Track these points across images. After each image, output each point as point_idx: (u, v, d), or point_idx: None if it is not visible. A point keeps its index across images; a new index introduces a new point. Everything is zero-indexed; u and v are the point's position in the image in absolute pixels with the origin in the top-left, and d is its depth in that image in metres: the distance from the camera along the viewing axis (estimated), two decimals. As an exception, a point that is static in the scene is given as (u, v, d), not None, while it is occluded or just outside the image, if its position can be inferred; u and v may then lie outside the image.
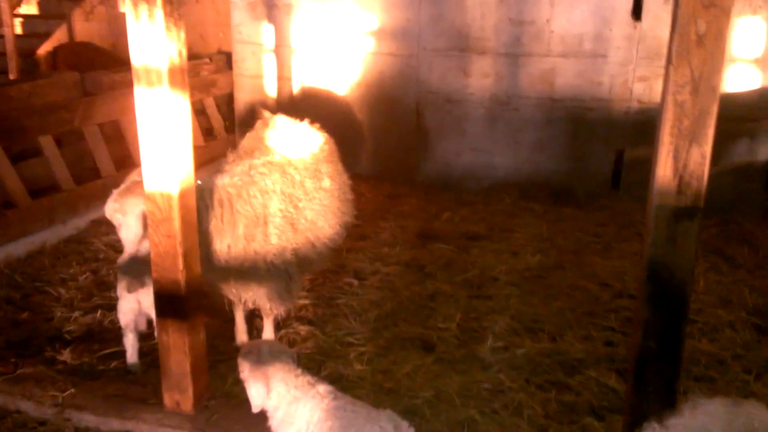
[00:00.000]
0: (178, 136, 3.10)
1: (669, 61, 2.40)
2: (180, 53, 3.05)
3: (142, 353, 3.84)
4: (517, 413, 3.45)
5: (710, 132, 2.38)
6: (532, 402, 3.52)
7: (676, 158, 2.41)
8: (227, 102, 7.99)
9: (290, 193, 3.83)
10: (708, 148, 2.39)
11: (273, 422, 2.71)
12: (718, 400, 1.71)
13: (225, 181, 3.70)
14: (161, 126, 3.05)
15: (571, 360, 3.90)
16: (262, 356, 2.72)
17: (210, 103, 7.75)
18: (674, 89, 2.36)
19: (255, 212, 3.65)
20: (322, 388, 2.70)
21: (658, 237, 2.52)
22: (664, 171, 2.44)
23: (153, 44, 2.94)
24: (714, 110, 2.36)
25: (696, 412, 1.67)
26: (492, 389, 3.66)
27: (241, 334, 4.17)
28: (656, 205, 2.48)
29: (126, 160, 6.43)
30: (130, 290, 3.61)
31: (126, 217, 3.44)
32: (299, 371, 2.73)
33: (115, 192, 3.54)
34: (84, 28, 9.16)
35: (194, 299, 3.32)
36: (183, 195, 3.17)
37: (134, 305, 3.68)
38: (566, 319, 4.38)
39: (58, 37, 9.37)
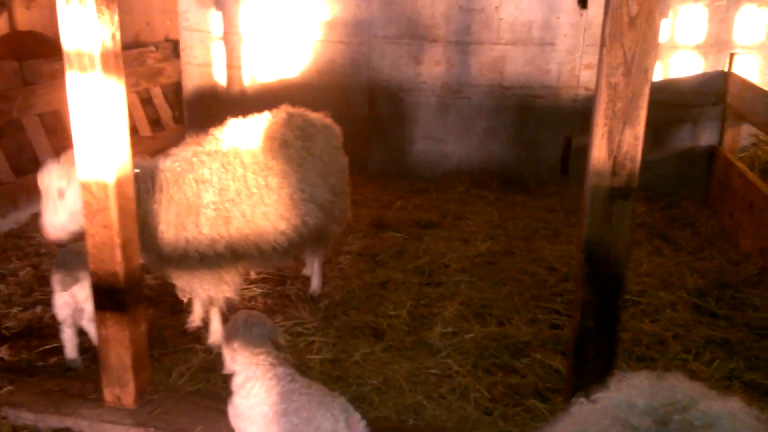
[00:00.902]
0: (113, 123, 3.01)
1: (602, 43, 2.43)
2: (113, 37, 2.95)
3: (82, 349, 3.74)
4: (464, 397, 3.48)
5: (643, 113, 2.42)
6: (478, 385, 3.56)
7: (610, 139, 2.45)
8: (175, 91, 7.81)
9: (227, 185, 3.71)
10: (641, 129, 2.43)
11: (234, 388, 2.81)
12: (643, 373, 1.74)
13: (166, 165, 3.62)
14: (95, 112, 2.95)
15: (518, 343, 3.95)
16: (236, 325, 2.85)
17: (157, 93, 7.57)
18: (607, 71, 2.40)
19: (188, 200, 3.57)
20: (282, 369, 2.75)
21: (594, 218, 2.56)
22: (598, 152, 2.47)
23: (84, 28, 2.84)
24: (646, 91, 2.40)
25: (621, 386, 1.69)
26: (440, 374, 3.68)
27: (195, 320, 4.14)
28: (592, 186, 2.52)
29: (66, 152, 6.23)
30: (63, 287, 3.50)
31: (70, 186, 3.32)
32: (263, 350, 2.79)
33: (62, 156, 3.43)
34: (25, 16, 8.80)
35: (134, 291, 3.24)
36: (120, 184, 3.08)
37: (69, 300, 3.57)
38: (514, 303, 4.43)
39: (-2, 24, 8.99)
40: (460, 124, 7.05)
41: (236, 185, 3.69)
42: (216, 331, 3.94)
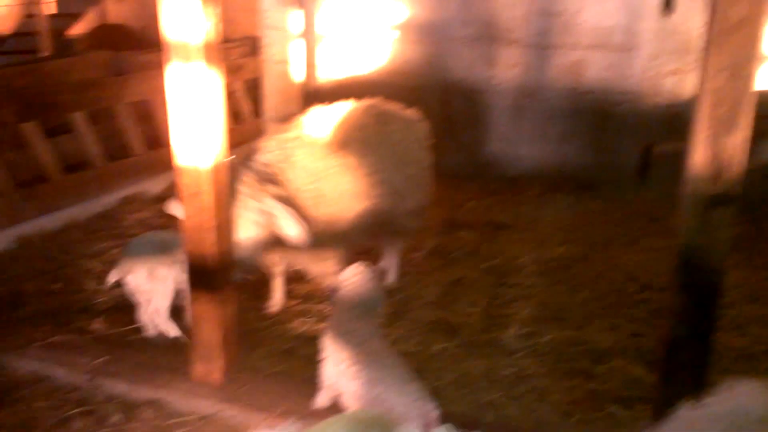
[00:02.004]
0: (212, 111, 3.14)
1: (706, 47, 2.39)
2: (216, 28, 3.07)
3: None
4: (542, 399, 3.46)
5: (747, 119, 2.37)
6: (556, 388, 3.53)
7: (712, 145, 2.41)
8: (255, 86, 8.04)
9: (314, 168, 3.85)
10: (744, 135, 2.38)
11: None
12: (752, 381, 1.72)
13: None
14: (195, 100, 3.08)
15: (597, 349, 3.89)
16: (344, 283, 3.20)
17: (238, 87, 7.81)
18: (711, 75, 2.36)
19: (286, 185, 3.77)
20: (377, 341, 2.99)
21: (691, 225, 2.52)
22: (699, 158, 2.44)
23: (189, 18, 2.96)
24: (751, 97, 2.35)
25: (733, 393, 1.67)
26: (516, 374, 3.67)
27: (276, 303, 4.32)
28: (691, 192, 2.48)
29: (155, 140, 6.52)
30: (115, 275, 3.82)
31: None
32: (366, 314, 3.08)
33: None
34: (116, 9, 9.27)
35: (225, 272, 3.37)
36: (216, 170, 3.22)
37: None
38: (592, 309, 4.37)
39: (91, 17, 9.49)
40: (535, 127, 6.99)
41: (320, 166, 3.81)
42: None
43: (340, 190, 3.91)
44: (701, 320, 2.59)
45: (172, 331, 3.88)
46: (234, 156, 3.59)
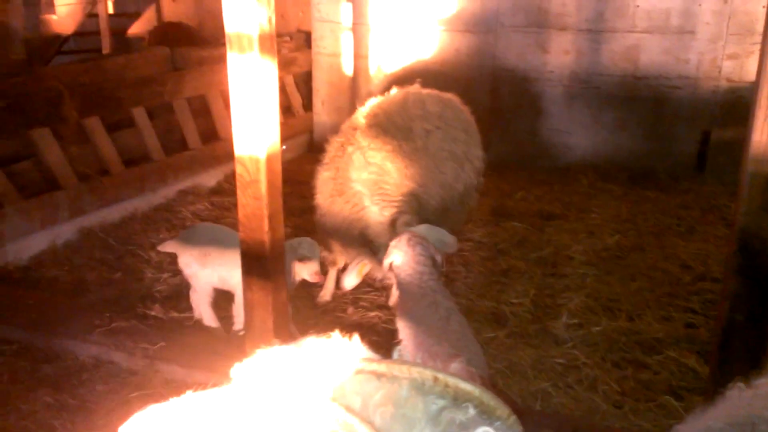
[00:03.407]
0: (266, 102, 3.21)
1: (766, 27, 2.31)
2: (270, 20, 3.14)
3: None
4: (592, 388, 3.42)
5: (813, 96, 2.28)
6: (607, 378, 3.48)
7: (774, 124, 2.33)
8: (305, 80, 8.15)
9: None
10: (809, 114, 2.29)
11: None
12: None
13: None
14: (251, 91, 3.17)
15: (650, 340, 3.82)
16: (399, 244, 3.17)
17: (289, 81, 7.93)
18: (774, 53, 2.28)
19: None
20: (441, 298, 2.99)
21: (751, 206, 2.44)
22: (760, 136, 2.36)
23: (245, 10, 3.05)
24: (817, 73, 2.26)
25: (787, 373, 1.62)
26: (566, 364, 3.64)
27: (326, 294, 4.46)
28: (750, 172, 2.40)
29: (212, 134, 6.69)
30: (169, 248, 4.01)
31: None
32: (425, 269, 3.08)
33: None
34: (171, 8, 9.54)
35: (278, 260, 3.44)
36: (270, 159, 3.29)
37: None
38: (645, 299, 4.28)
39: (148, 17, 9.80)
40: (587, 115, 6.86)
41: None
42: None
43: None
44: (758, 305, 2.51)
45: (207, 319, 3.99)
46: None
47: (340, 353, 1.06)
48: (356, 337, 1.16)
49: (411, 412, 0.89)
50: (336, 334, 1.14)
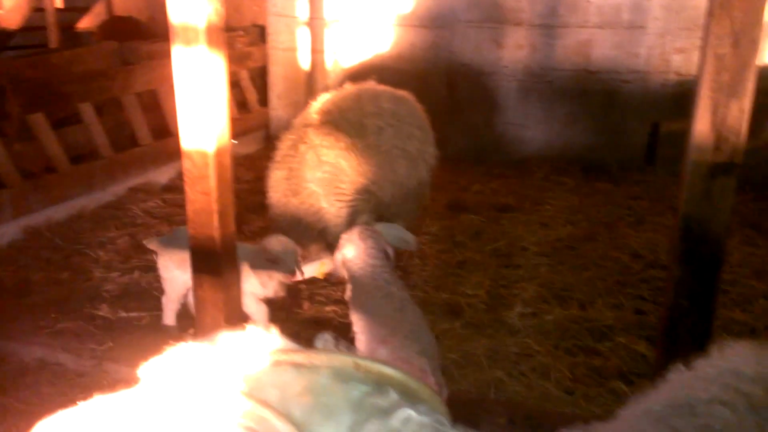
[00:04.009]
0: (214, 95, 3.15)
1: (709, 13, 2.36)
2: (217, 11, 3.08)
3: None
4: (545, 376, 3.47)
5: (750, 86, 2.34)
6: (559, 366, 3.53)
7: (714, 113, 2.38)
8: (261, 75, 8.04)
9: None
10: (748, 102, 2.35)
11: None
12: (745, 342, 1.70)
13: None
14: (198, 84, 3.10)
15: (601, 327, 3.89)
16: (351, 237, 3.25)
17: (244, 76, 7.82)
18: (714, 42, 2.33)
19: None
20: (395, 290, 3.02)
21: (693, 193, 2.50)
22: (701, 126, 2.41)
23: (191, 1, 2.98)
24: (754, 63, 2.32)
25: (725, 353, 1.66)
26: (519, 353, 3.67)
27: None
28: (692, 161, 2.46)
29: (163, 130, 6.54)
30: (152, 246, 3.85)
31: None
32: (378, 262, 3.13)
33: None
34: (122, 1, 9.30)
35: (229, 256, 3.39)
36: (219, 153, 3.23)
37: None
38: (596, 287, 4.36)
39: (98, 11, 9.53)
40: (542, 109, 6.95)
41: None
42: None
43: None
44: (702, 290, 2.58)
45: (168, 318, 3.91)
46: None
47: (256, 345, 1.03)
48: (274, 328, 1.13)
49: (331, 400, 0.87)
50: (251, 326, 1.10)
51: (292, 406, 0.86)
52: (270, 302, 4.24)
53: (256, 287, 3.68)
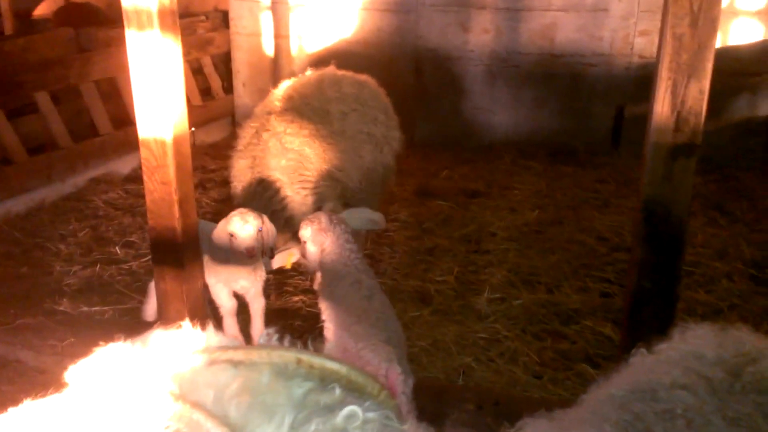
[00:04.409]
0: (170, 81, 3.06)
1: (668, -7, 2.35)
2: (171, -5, 2.99)
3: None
4: (513, 361, 3.48)
5: (709, 66, 2.34)
6: (527, 350, 3.55)
7: (673, 94, 2.38)
8: (225, 61, 7.88)
9: None
10: (707, 83, 2.35)
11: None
12: (706, 325, 1.70)
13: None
14: (153, 70, 3.01)
15: (568, 310, 3.92)
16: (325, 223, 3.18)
17: (207, 62, 7.65)
18: (672, 22, 2.32)
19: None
20: (365, 278, 3.02)
21: (654, 175, 2.50)
22: (661, 107, 2.41)
23: (143, -15, 2.88)
24: (713, 44, 2.32)
25: (685, 336, 1.66)
26: (488, 338, 3.69)
27: None
28: (653, 143, 2.46)
29: (124, 119, 6.38)
30: None
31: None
32: (351, 248, 3.12)
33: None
34: (78, -13, 9.00)
35: (191, 247, 3.32)
36: (177, 141, 3.14)
37: None
38: (563, 271, 4.39)
39: (54, -4, 9.22)
40: (508, 93, 6.95)
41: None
42: None
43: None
44: (665, 272, 2.59)
45: (148, 313, 3.81)
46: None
47: (189, 344, 0.99)
48: (210, 324, 1.09)
49: (272, 398, 0.83)
50: (186, 323, 1.05)
51: (228, 406, 0.82)
52: (236, 294, 4.19)
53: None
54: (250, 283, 3.53)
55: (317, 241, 3.13)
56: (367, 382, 0.90)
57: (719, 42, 6.26)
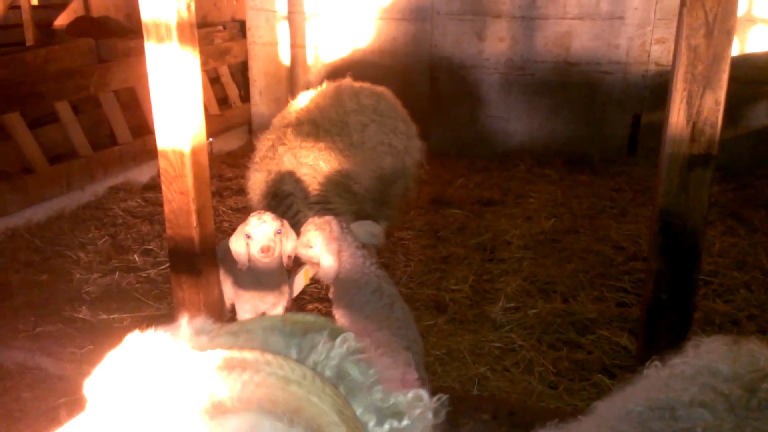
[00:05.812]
0: (188, 92, 3.11)
1: (682, 3, 2.35)
2: (188, 7, 3.04)
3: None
4: (528, 370, 3.47)
5: (724, 77, 2.33)
6: (543, 360, 3.53)
7: (689, 104, 2.38)
8: (242, 70, 7.97)
9: None
10: (722, 94, 2.34)
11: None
12: (719, 338, 1.68)
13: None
14: (172, 82, 3.06)
15: (584, 320, 3.90)
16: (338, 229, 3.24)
17: (224, 72, 7.74)
18: (688, 33, 2.32)
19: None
20: (386, 286, 3.07)
21: (670, 186, 2.49)
22: (677, 118, 2.40)
23: (163, -1, 2.93)
24: (728, 54, 2.31)
25: (699, 351, 1.64)
26: (503, 348, 3.67)
27: None
28: (669, 154, 2.45)
29: (143, 128, 6.46)
30: None
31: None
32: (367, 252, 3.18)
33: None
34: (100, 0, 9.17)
35: (208, 256, 3.35)
36: (195, 151, 3.18)
37: None
38: (579, 280, 4.36)
39: (74, 8, 9.39)
40: (524, 101, 6.94)
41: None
42: None
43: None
44: (681, 283, 2.58)
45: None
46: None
47: (185, 333, 1.03)
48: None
49: (274, 344, 0.96)
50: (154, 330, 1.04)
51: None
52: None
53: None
54: (275, 298, 3.43)
55: (332, 249, 3.15)
56: (346, 332, 1.00)
57: (736, 50, 6.25)
